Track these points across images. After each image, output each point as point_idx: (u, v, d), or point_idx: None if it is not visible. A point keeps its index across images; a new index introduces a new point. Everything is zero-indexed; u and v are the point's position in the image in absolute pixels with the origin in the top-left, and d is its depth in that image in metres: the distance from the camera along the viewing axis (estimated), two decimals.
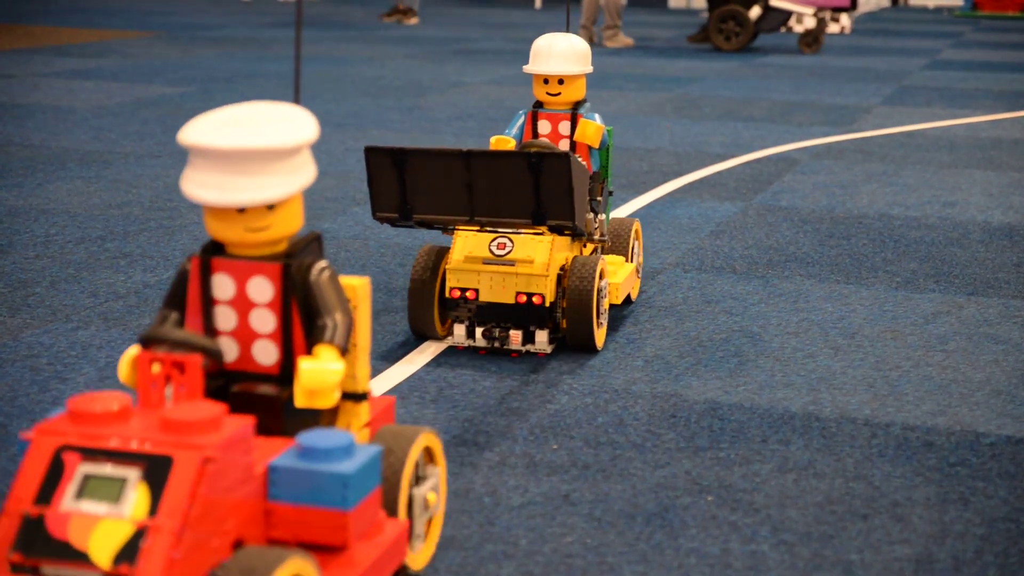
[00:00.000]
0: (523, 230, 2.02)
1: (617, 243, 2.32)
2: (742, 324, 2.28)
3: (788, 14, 7.51)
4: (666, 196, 3.40)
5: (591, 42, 7.93)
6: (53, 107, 4.65)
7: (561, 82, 2.21)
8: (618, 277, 2.21)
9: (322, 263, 1.24)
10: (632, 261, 2.34)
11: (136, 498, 1.06)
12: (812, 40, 7.71)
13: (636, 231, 2.36)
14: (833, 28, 9.33)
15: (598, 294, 2.04)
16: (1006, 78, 6.61)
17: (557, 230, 1.98)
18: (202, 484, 1.07)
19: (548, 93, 2.22)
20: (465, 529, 1.47)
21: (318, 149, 3.95)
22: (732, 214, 3.18)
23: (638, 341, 2.18)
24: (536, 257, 2.01)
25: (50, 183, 3.34)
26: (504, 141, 2.17)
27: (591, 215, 2.14)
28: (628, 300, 2.31)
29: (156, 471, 1.07)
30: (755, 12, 7.49)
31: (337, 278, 1.25)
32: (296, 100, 1.25)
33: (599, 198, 2.19)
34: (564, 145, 2.24)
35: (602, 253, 2.27)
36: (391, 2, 9.79)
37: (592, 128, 2.19)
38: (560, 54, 2.20)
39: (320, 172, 3.58)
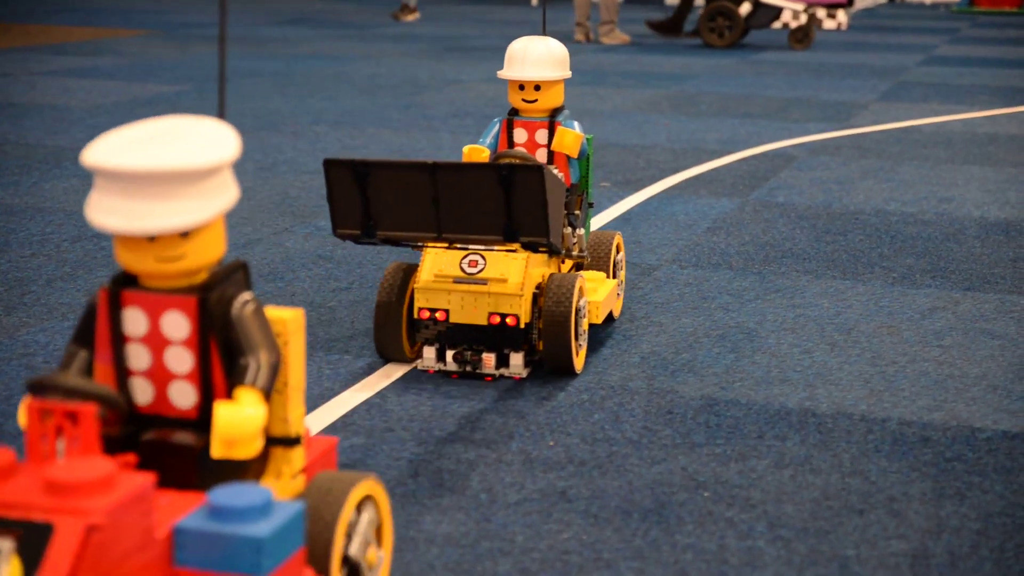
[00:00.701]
0: (495, 247, 1.91)
1: (597, 258, 2.18)
2: (738, 320, 2.29)
3: (778, 10, 7.52)
4: (663, 192, 3.40)
5: (587, 39, 7.94)
6: (49, 106, 4.65)
7: (538, 88, 2.09)
8: (598, 295, 2.07)
9: (245, 295, 1.12)
10: (614, 277, 2.21)
11: (7, 574, 0.93)
12: (803, 36, 7.71)
13: (618, 245, 2.23)
14: (830, 24, 9.33)
15: (576, 315, 1.92)
16: (1003, 74, 6.61)
17: (531, 247, 1.85)
18: (86, 555, 0.93)
19: (524, 100, 2.10)
20: (462, 526, 1.48)
21: (315, 146, 3.95)
22: (729, 210, 3.18)
23: (634, 337, 2.18)
24: (510, 275, 1.89)
25: (46, 182, 3.33)
26: (478, 151, 2.06)
27: (568, 230, 2.03)
28: (610, 318, 2.21)
29: (33, 541, 0.93)
30: (745, 8, 7.49)
31: (263, 312, 1.13)
32: (220, 115, 1.11)
33: (577, 211, 2.08)
34: (541, 155, 2.12)
35: (581, 269, 2.15)
36: (392, 1, 9.78)
37: (570, 137, 2.06)
38: (536, 58, 2.08)
39: (316, 170, 3.58)
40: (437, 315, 1.91)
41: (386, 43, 7.54)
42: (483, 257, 1.91)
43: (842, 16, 9.36)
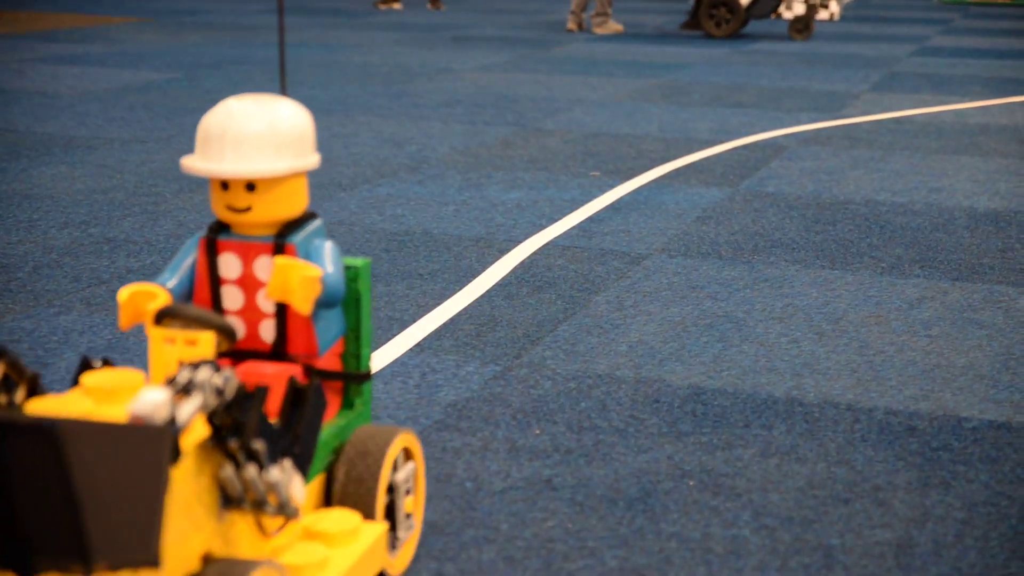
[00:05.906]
0: None
1: (353, 487, 1.25)
2: (727, 309, 2.28)
3: (778, 0, 7.51)
4: (653, 182, 3.39)
5: (579, 28, 7.91)
6: (38, 93, 4.63)
7: (252, 188, 1.16)
8: (333, 569, 1.13)
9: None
10: (387, 515, 1.30)
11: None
12: (803, 27, 7.71)
13: (406, 451, 1.33)
14: (822, 15, 9.33)
15: None
16: (995, 65, 6.61)
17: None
18: None
19: (230, 207, 1.18)
20: (447, 515, 1.47)
21: None
22: (719, 200, 3.18)
23: (622, 326, 2.17)
24: None
25: (34, 168, 3.32)
26: (149, 294, 1.17)
27: (253, 470, 1.01)
28: None
29: None
30: None
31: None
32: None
33: (258, 445, 1.01)
34: (261, 301, 1.21)
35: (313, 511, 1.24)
36: None
37: (296, 277, 1.14)
38: (245, 140, 1.15)
39: None
40: None
41: (377, 31, 7.52)
42: None
43: (834, 6, 9.35)
